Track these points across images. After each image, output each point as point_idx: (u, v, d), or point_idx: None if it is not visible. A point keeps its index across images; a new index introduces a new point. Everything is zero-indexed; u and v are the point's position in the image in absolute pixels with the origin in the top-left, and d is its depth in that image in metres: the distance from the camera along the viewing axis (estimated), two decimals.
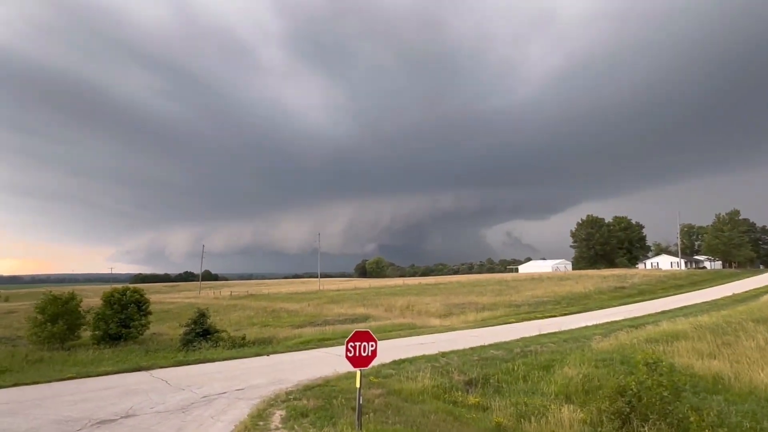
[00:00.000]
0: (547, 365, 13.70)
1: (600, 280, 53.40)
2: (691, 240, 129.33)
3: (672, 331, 17.75)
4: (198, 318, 21.76)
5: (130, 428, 8.35)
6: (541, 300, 38.00)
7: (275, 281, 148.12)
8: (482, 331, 22.53)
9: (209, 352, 18.30)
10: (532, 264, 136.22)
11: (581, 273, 73.49)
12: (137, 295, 23.88)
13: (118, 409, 9.66)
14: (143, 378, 13.13)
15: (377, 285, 72.64)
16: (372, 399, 9.90)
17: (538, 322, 25.90)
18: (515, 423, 9.35)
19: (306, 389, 10.84)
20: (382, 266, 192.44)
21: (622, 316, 26.17)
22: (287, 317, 33.47)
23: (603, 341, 16.97)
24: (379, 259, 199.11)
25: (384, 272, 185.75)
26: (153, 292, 49.09)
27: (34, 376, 13.43)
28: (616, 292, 44.12)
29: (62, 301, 21.97)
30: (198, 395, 10.83)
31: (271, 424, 8.32)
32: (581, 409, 10.02)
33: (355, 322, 29.44)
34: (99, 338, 22.14)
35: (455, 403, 10.64)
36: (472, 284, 57.64)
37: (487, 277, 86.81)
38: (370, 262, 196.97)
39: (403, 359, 14.45)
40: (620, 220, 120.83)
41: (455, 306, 35.16)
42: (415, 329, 25.26)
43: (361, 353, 8.20)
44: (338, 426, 7.89)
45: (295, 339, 22.12)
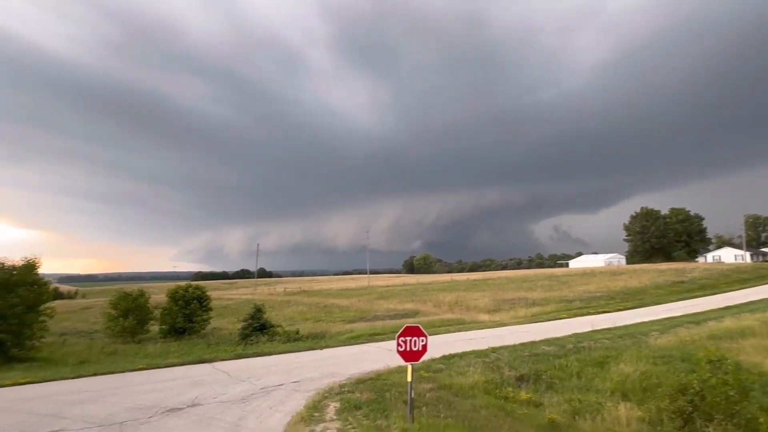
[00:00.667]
0: (602, 362, 13.39)
1: (656, 274, 51.01)
2: (757, 231, 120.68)
3: (737, 327, 16.86)
4: (255, 313, 22.73)
5: (197, 417, 8.91)
6: (593, 295, 36.82)
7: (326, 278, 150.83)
8: (532, 327, 22.19)
9: (266, 345, 19.07)
10: (584, 258, 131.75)
11: (636, 267, 70.42)
12: (199, 292, 25.20)
13: (184, 398, 10.31)
14: (206, 370, 13.90)
15: (425, 281, 72.61)
16: (423, 393, 10.06)
17: (591, 317, 25.17)
18: (569, 420, 9.27)
19: (358, 382, 11.14)
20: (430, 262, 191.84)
21: (681, 312, 25.02)
22: (338, 312, 34.16)
23: (661, 338, 16.36)
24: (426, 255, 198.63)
25: (431, 268, 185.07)
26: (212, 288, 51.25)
27: (110, 367, 14.54)
28: (675, 287, 42.03)
29: (132, 297, 23.58)
30: (257, 387, 11.37)
31: (326, 415, 8.65)
32: (639, 407, 9.79)
33: (404, 317, 29.68)
34: (165, 332, 23.62)
35: (506, 399, 10.63)
36: (521, 279, 56.55)
37: (536, 272, 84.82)
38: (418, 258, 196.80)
39: (452, 354, 14.52)
40: (678, 212, 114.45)
41: (504, 301, 34.69)
42: (464, 325, 25.19)
43: (412, 348, 8.37)
44: (391, 418, 8.10)
45: (346, 334, 22.63)
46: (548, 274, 63.88)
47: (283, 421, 8.51)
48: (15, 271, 17.63)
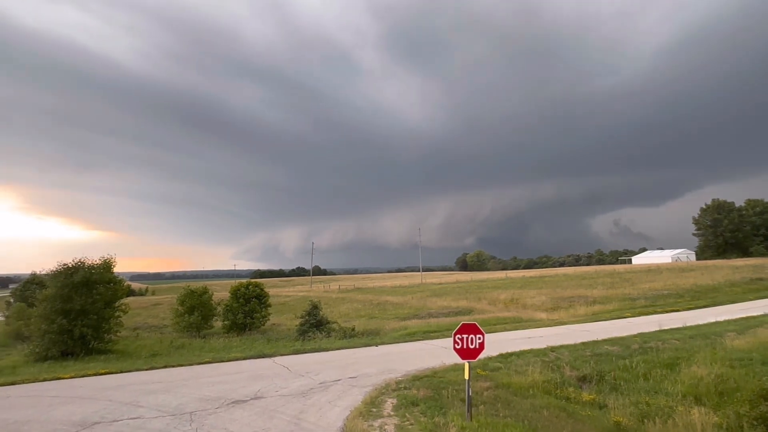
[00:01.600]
0: (671, 363, 12.68)
1: (731, 270, 47.53)
2: None
3: None
4: (311, 310, 23.33)
5: (260, 409, 9.26)
6: (660, 293, 34.86)
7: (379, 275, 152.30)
8: (594, 326, 21.33)
9: (323, 341, 19.52)
10: (648, 254, 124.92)
11: (707, 263, 65.94)
12: (258, 290, 26.21)
13: (248, 391, 10.75)
14: (267, 364, 14.42)
15: (479, 278, 71.59)
16: (480, 391, 9.95)
17: (658, 316, 23.85)
18: (637, 423, 8.85)
19: (415, 379, 11.17)
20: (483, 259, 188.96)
21: (760, 311, 23.17)
22: (392, 309, 34.36)
23: (738, 339, 15.25)
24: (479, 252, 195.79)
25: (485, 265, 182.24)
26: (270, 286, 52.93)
27: (179, 360, 15.43)
28: (753, 284, 38.99)
29: (197, 294, 24.87)
30: (315, 381, 11.66)
31: (383, 411, 8.74)
32: (715, 412, 9.18)
33: (458, 315, 29.42)
34: (228, 327, 24.77)
35: (568, 400, 10.31)
36: (580, 277, 54.47)
37: (596, 269, 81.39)
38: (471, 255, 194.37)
39: (510, 353, 14.23)
40: (755, 204, 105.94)
41: (562, 299, 33.58)
42: (520, 323, 24.63)
43: (469, 345, 8.30)
44: (448, 416, 8.07)
45: (401, 331, 22.73)
46: (609, 271, 61.15)
47: (342, 416, 8.67)
48: (94, 270, 19.05)
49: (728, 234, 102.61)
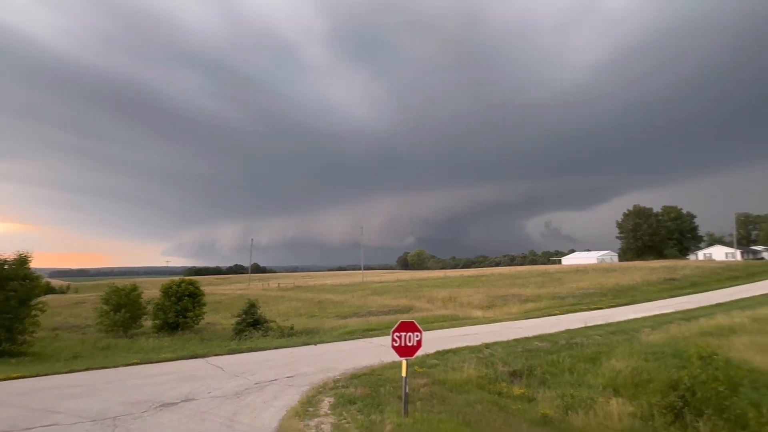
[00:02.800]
0: (594, 357, 13.50)
1: (648, 271, 51.42)
2: (748, 230, 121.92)
3: (728, 324, 17.05)
4: (248, 309, 22.72)
5: (191, 411, 8.89)
6: (586, 292, 37.09)
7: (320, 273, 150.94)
8: (526, 323, 22.32)
9: (260, 341, 19.07)
10: (576, 255, 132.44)
11: (628, 264, 70.92)
12: (192, 287, 25.12)
13: (178, 393, 10.29)
14: (200, 365, 13.87)
15: (419, 277, 72.74)
16: (417, 388, 10.11)
17: (584, 314, 25.35)
18: (562, 415, 9.34)
19: (353, 378, 11.18)
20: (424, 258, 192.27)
21: (672, 309, 25.25)
22: (333, 308, 34.18)
23: (653, 334, 16.51)
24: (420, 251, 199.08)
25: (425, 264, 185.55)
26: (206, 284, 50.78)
27: (103, 362, 14.48)
28: (666, 284, 42.41)
29: (125, 292, 23.47)
30: (251, 382, 11.37)
31: (320, 410, 8.68)
32: (631, 402, 9.88)
33: (398, 313, 29.75)
34: (159, 327, 23.55)
35: (500, 394, 10.70)
36: (515, 276, 56.81)
37: (529, 268, 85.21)
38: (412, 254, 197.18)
39: (446, 350, 14.58)
40: (670, 210, 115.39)
41: (498, 298, 34.86)
42: (457, 321, 25.30)
43: (407, 343, 8.42)
44: (385, 413, 8.14)
45: (340, 329, 22.65)
46: (541, 271, 64.21)
47: (278, 416, 8.52)
48: (6, 266, 17.49)
49: (646, 237, 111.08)
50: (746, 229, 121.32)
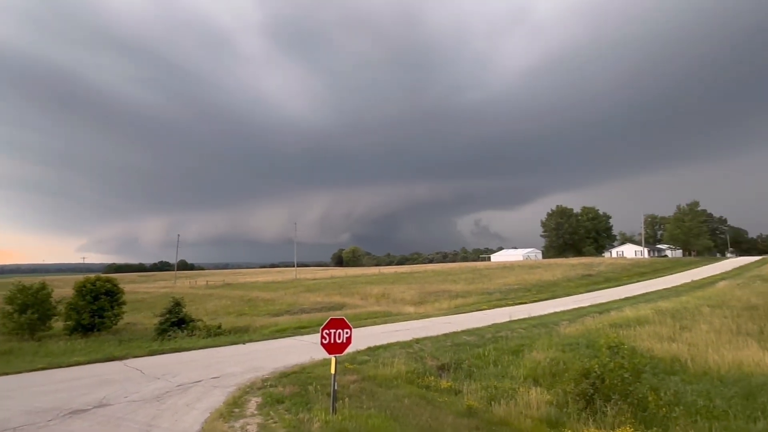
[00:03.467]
0: (517, 350, 14.19)
1: (568, 268, 54.89)
2: (654, 230, 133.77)
3: (635, 316, 18.56)
4: (173, 307, 21.60)
5: (104, 417, 8.33)
6: (512, 287, 38.91)
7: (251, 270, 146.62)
8: (455, 318, 23.02)
9: (185, 341, 18.21)
10: (504, 253, 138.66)
11: (551, 261, 75.32)
12: (110, 285, 23.41)
13: (90, 399, 9.61)
14: (117, 368, 13.03)
15: (353, 274, 72.84)
16: (347, 385, 10.13)
17: (509, 308, 26.57)
18: (486, 405, 9.73)
19: (282, 376, 10.99)
20: (359, 255, 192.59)
21: (588, 303, 27.11)
22: (264, 306, 33.37)
23: (570, 326, 17.62)
24: (355, 248, 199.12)
25: (360, 261, 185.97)
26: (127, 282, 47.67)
27: (3, 367, 13.15)
28: (584, 280, 45.51)
29: (32, 291, 21.43)
30: (173, 384, 10.85)
31: (246, 411, 8.46)
32: (548, 391, 10.50)
33: (331, 310, 29.60)
34: (71, 329, 21.71)
35: (428, 388, 10.97)
36: (446, 273, 58.44)
37: (460, 265, 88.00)
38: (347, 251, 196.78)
39: (378, 346, 14.72)
40: (588, 211, 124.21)
41: (429, 294, 35.69)
42: (390, 317, 25.60)
43: (336, 340, 8.40)
44: (313, 411, 8.08)
45: (271, 327, 22.16)
46: (471, 268, 66.55)
47: (201, 419, 8.19)
48: None
49: (567, 236, 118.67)
50: (653, 229, 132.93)
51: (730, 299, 20.85)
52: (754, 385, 9.85)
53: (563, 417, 8.95)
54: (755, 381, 10.08)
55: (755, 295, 21.39)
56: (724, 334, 14.57)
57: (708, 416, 8.51)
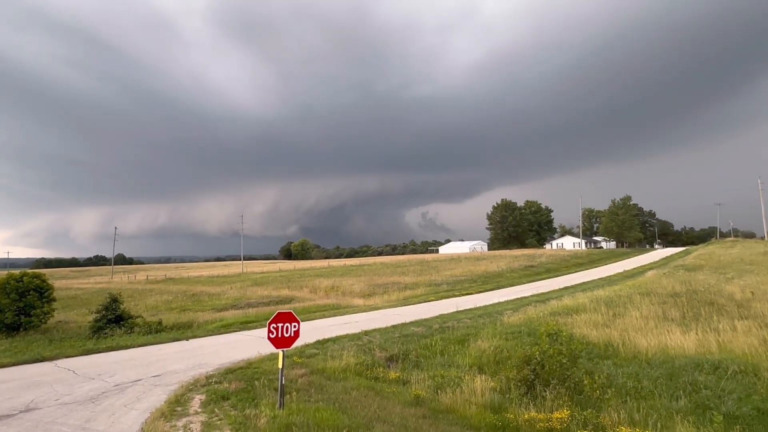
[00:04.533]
0: (463, 339, 14.55)
1: (512, 259, 56.94)
2: (591, 222, 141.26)
3: (573, 304, 19.49)
4: (110, 304, 20.50)
5: (32, 423, 7.82)
6: (459, 279, 39.89)
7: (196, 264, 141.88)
8: (404, 310, 23.31)
9: (123, 339, 17.36)
10: (452, 245, 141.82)
11: (495, 253, 77.84)
12: (38, 281, 21.86)
13: (16, 403, 8.98)
14: (47, 369, 12.23)
15: (302, 267, 72.06)
16: (295, 379, 10.03)
17: (456, 299, 27.24)
18: (432, 394, 9.92)
19: (227, 372, 10.73)
20: (308, 248, 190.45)
21: (530, 293, 28.25)
22: (208, 301, 32.40)
23: (513, 316, 18.28)
24: (304, 241, 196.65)
25: (309, 254, 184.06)
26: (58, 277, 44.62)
27: None
28: (526, 271, 47.38)
29: None
30: (110, 384, 10.33)
31: (189, 409, 8.19)
32: (492, 378, 10.84)
33: (279, 303, 29.18)
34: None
35: (377, 379, 11.04)
36: (395, 265, 59.03)
37: (409, 257, 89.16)
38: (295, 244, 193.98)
39: (327, 339, 14.68)
40: (531, 204, 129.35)
41: (378, 286, 35.93)
42: (339, 309, 25.56)
43: (284, 334, 8.28)
44: (260, 407, 7.94)
45: (216, 323, 21.55)
46: (420, 260, 67.60)
47: (140, 419, 7.86)
48: None
49: (511, 229, 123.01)
50: (590, 221, 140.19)
51: (657, 287, 22.30)
52: (676, 366, 10.62)
53: (506, 402, 9.27)
54: (678, 363, 10.87)
55: (679, 283, 23.01)
56: (652, 320, 15.58)
57: (636, 396, 9.09)
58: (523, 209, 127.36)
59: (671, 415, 7.90)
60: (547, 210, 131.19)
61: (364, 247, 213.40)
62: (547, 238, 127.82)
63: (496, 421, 8.24)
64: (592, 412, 8.16)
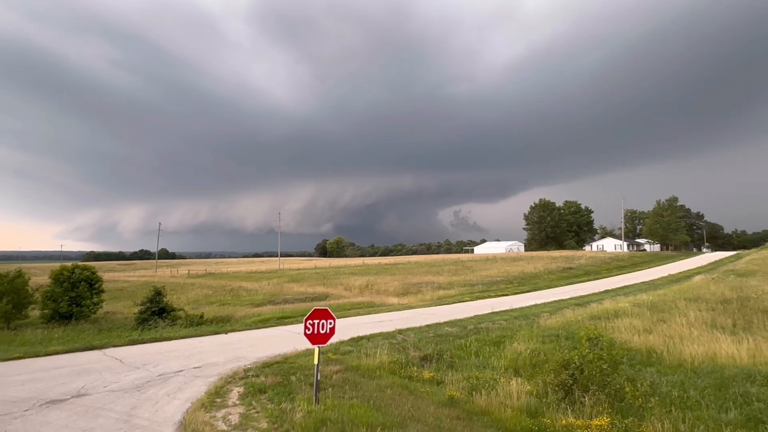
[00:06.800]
0: (498, 341, 14.35)
1: (550, 261, 55.66)
2: (634, 224, 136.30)
3: (613, 308, 18.90)
4: (154, 296, 21.32)
5: (83, 407, 8.22)
6: (494, 279, 39.32)
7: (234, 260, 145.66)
8: (438, 310, 23.19)
9: (165, 330, 18.02)
10: (487, 245, 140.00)
11: (533, 254, 76.26)
12: (88, 273, 22.99)
13: (69, 388, 9.47)
14: (96, 357, 12.84)
15: (337, 264, 72.85)
16: (330, 375, 10.14)
17: (491, 300, 26.87)
18: (467, 396, 9.83)
19: (264, 366, 10.96)
20: (342, 246, 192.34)
21: (569, 295, 27.55)
22: (246, 296, 33.20)
23: (551, 318, 17.88)
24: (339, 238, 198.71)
25: (344, 252, 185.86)
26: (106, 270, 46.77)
27: None
28: (564, 273, 46.21)
29: (8, 278, 20.92)
30: (153, 374, 10.74)
31: (228, 400, 8.42)
32: (528, 381, 10.64)
33: (314, 300, 29.59)
34: (48, 317, 21.33)
35: (410, 378, 11.04)
36: (430, 264, 58.77)
37: (444, 257, 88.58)
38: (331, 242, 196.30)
39: (361, 336, 14.77)
40: (570, 205, 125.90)
41: (413, 285, 35.87)
42: (373, 307, 25.68)
43: (320, 331, 8.39)
44: (296, 401, 8.08)
45: (254, 317, 22.07)
46: (454, 260, 67.04)
47: (182, 408, 8.14)
48: None
49: (549, 229, 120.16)
50: (632, 223, 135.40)
51: (705, 293, 21.33)
52: (726, 376, 10.12)
53: (543, 407, 9.09)
54: (727, 373, 10.36)
55: (729, 289, 21.93)
56: (699, 326, 14.92)
57: (682, 406, 8.72)
58: (561, 209, 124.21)
59: (720, 427, 7.54)
60: (587, 210, 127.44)
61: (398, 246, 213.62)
62: (586, 240, 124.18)
63: (532, 425, 8.08)
64: (634, 421, 7.89)
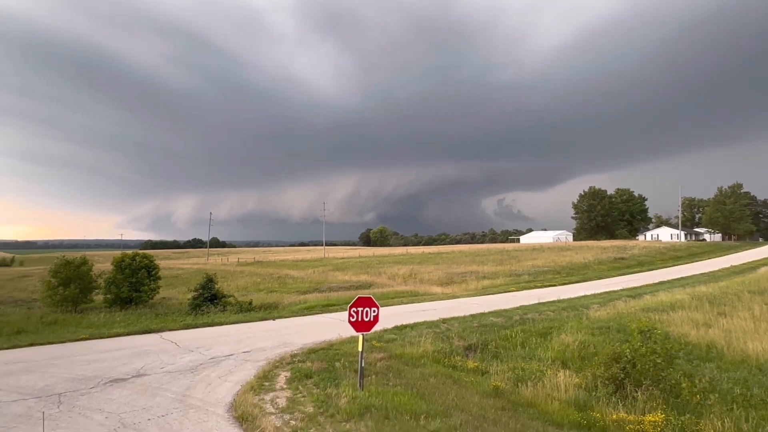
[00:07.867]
0: (545, 332, 14.02)
1: (600, 251, 53.68)
2: (692, 212, 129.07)
3: (669, 301, 18.04)
4: (206, 283, 22.28)
5: (142, 387, 8.70)
6: (541, 270, 38.39)
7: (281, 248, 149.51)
8: (482, 299, 22.91)
9: (217, 316, 18.79)
10: (534, 234, 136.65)
11: (582, 244, 73.79)
12: (147, 261, 24.33)
13: (129, 368, 10.03)
14: (153, 340, 13.55)
15: (381, 253, 73.33)
16: (374, 362, 10.24)
17: (538, 291, 26.26)
18: (512, 387, 9.69)
19: (310, 352, 11.19)
20: (386, 235, 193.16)
21: (620, 287, 26.51)
22: (293, 284, 34.04)
23: (600, 310, 17.29)
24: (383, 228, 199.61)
25: (387, 241, 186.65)
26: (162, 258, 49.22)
27: (49, 337, 13.90)
28: (616, 263, 44.46)
29: (74, 265, 22.48)
30: (206, 357, 11.21)
31: (276, 384, 8.66)
32: (577, 374, 10.36)
33: (358, 288, 29.95)
34: (111, 301, 22.79)
35: (455, 368, 10.99)
36: (474, 254, 58.07)
37: (488, 246, 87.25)
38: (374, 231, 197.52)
39: (404, 325, 14.81)
40: (622, 192, 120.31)
41: (457, 275, 35.60)
42: (417, 296, 25.70)
43: (364, 318, 8.46)
44: (341, 387, 8.21)
45: (300, 304, 22.62)
46: (499, 249, 65.92)
47: (233, 391, 8.45)
48: None
49: (600, 218, 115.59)
50: (691, 212, 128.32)
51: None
52: None
53: (592, 400, 8.82)
54: None
55: None
56: (765, 321, 14.00)
57: (745, 405, 8.23)
58: (613, 197, 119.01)
59: None
60: (640, 198, 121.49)
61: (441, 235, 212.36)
62: (640, 229, 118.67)
63: (580, 419, 7.86)
64: (691, 418, 7.53)
